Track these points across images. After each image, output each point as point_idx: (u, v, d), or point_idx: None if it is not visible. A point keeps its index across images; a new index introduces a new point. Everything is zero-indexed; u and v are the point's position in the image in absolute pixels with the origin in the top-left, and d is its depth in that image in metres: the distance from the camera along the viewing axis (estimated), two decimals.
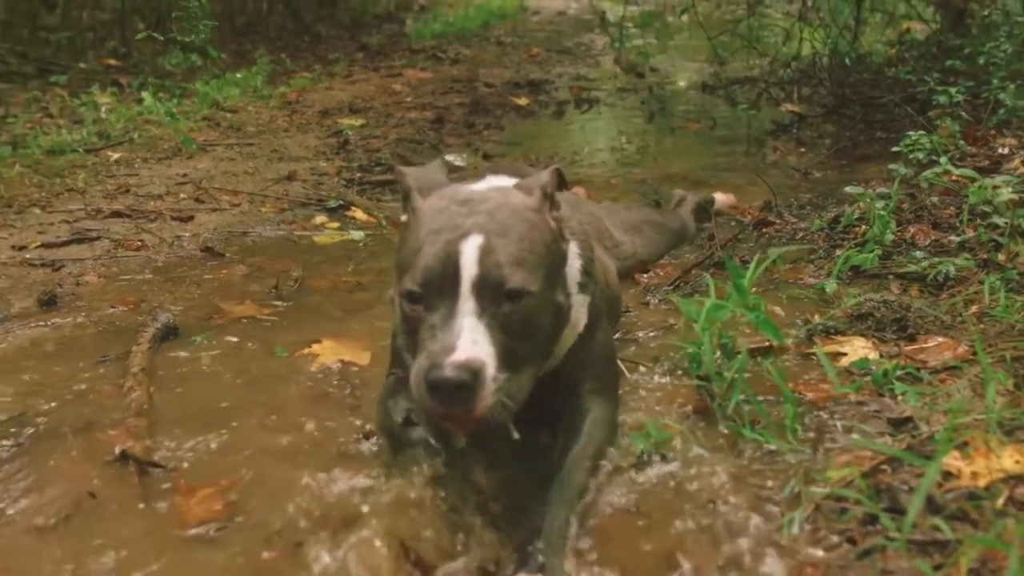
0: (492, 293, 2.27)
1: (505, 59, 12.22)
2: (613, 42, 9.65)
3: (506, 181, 2.73)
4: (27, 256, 4.64)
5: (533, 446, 2.61)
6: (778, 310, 3.52)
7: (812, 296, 3.71)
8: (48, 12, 11.40)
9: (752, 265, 3.01)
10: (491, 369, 2.18)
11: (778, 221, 4.79)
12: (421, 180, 2.63)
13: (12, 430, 2.90)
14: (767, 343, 3.09)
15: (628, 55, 10.68)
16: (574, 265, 2.71)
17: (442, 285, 2.28)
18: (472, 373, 2.15)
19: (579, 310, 2.74)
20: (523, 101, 9.13)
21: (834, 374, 2.88)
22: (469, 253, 2.28)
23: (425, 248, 2.34)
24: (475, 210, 2.40)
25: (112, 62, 10.25)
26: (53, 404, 3.06)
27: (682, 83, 10.09)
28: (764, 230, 4.68)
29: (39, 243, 4.82)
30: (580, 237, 2.84)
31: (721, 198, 5.27)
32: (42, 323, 3.83)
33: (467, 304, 2.25)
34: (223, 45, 10.44)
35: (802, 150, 6.80)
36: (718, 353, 2.94)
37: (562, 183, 2.59)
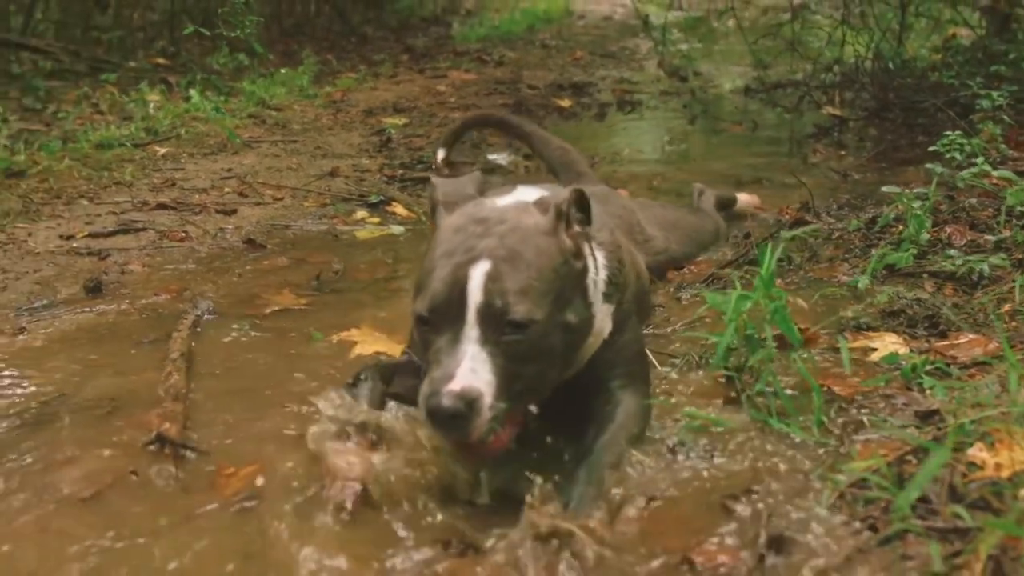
0: (496, 321, 2.32)
1: (549, 62, 12.27)
2: (656, 45, 9.66)
3: (534, 193, 2.76)
4: (74, 245, 4.75)
5: (559, 446, 2.67)
6: (801, 302, 3.52)
7: (845, 293, 3.72)
8: (100, 13, 11.59)
9: (768, 252, 3.02)
10: (488, 398, 2.25)
11: (815, 221, 4.80)
12: (449, 194, 2.71)
13: (54, 409, 2.98)
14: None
15: (672, 59, 10.69)
16: (600, 276, 2.75)
17: (449, 311, 2.34)
18: (467, 403, 2.22)
19: (603, 319, 2.78)
20: (566, 103, 9.16)
21: (848, 362, 2.89)
22: (476, 280, 2.33)
23: (437, 271, 2.40)
24: (489, 231, 2.45)
25: (161, 61, 10.41)
26: (94, 386, 3.13)
27: (726, 87, 10.09)
28: (801, 229, 4.68)
29: (86, 233, 4.94)
30: (608, 248, 2.87)
31: (744, 199, 5.28)
32: (87, 309, 3.93)
33: (471, 331, 2.31)
34: (271, 46, 10.58)
35: (842, 153, 6.80)
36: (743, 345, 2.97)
37: (583, 203, 2.62)
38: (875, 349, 3.19)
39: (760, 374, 2.84)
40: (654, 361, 3.16)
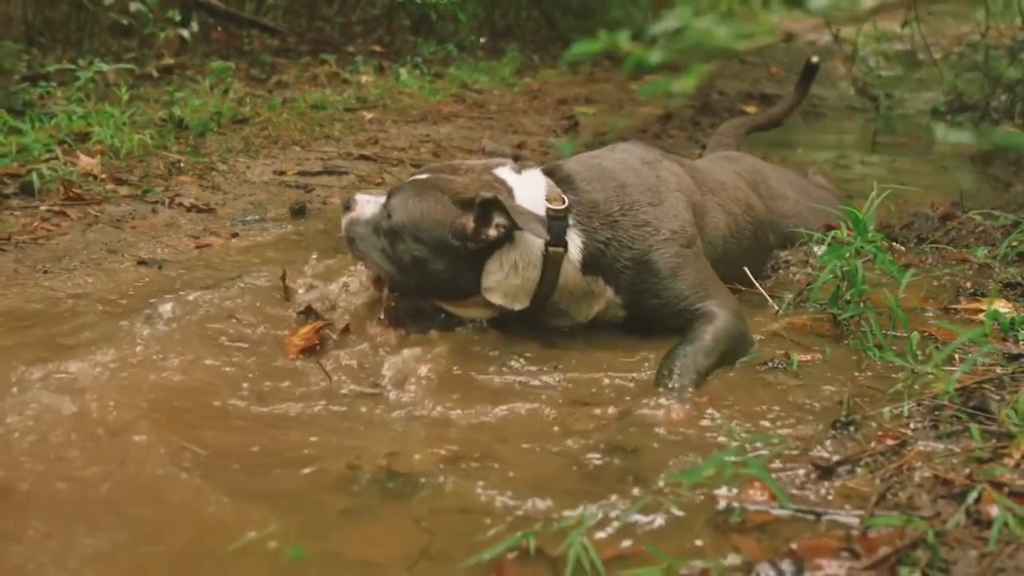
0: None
1: (743, 74, 12.50)
2: (846, 58, 9.80)
3: (532, 183, 3.25)
4: (285, 179, 5.44)
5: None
6: (899, 246, 3.87)
7: (968, 271, 3.98)
8: (326, 4, 12.48)
9: (871, 196, 3.38)
10: (355, 213, 3.32)
11: (963, 216, 5.00)
12: (492, 147, 3.76)
13: (244, 285, 3.63)
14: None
15: (864, 79, 10.77)
16: (574, 254, 3.21)
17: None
18: (348, 203, 3.38)
19: (596, 285, 3.30)
20: (751, 109, 9.41)
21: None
22: (414, 176, 3.30)
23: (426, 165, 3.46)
24: (458, 173, 3.22)
25: (377, 48, 11.13)
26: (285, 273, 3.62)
27: (916, 108, 10.13)
28: (948, 222, 4.91)
29: (296, 171, 5.62)
30: (593, 228, 3.26)
31: None
32: (289, 226, 4.57)
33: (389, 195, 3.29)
34: (480, 44, 11.24)
35: (1012, 168, 6.89)
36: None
37: (499, 208, 3.03)
38: (983, 310, 3.47)
39: (851, 303, 3.22)
40: (768, 297, 3.55)
